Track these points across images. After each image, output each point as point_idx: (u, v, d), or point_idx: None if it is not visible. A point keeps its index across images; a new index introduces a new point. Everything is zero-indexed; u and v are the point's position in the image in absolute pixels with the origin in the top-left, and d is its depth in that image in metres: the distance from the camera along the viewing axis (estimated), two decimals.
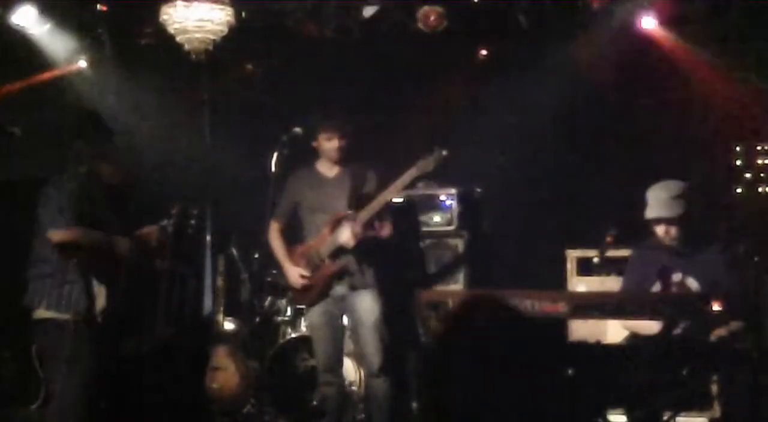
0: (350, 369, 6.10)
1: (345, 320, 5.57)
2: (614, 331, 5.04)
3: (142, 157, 7.54)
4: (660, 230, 4.85)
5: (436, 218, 6.54)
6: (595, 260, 4.96)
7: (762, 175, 6.37)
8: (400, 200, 6.16)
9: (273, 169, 5.58)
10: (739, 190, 6.44)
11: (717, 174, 6.32)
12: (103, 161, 4.91)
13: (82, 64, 7.42)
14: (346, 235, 5.29)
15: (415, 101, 7.37)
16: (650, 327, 4.37)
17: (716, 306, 3.99)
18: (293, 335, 6.50)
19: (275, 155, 5.58)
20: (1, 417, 5.99)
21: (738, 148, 6.46)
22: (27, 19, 6.75)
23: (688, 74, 6.74)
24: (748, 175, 6.42)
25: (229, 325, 6.63)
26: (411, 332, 5.99)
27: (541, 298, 4.10)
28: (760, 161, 6.38)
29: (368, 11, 6.87)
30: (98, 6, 6.93)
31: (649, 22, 6.73)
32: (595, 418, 4.33)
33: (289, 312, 6.67)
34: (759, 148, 6.40)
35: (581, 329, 5.37)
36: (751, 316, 4.21)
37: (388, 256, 5.61)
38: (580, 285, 5.74)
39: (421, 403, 4.73)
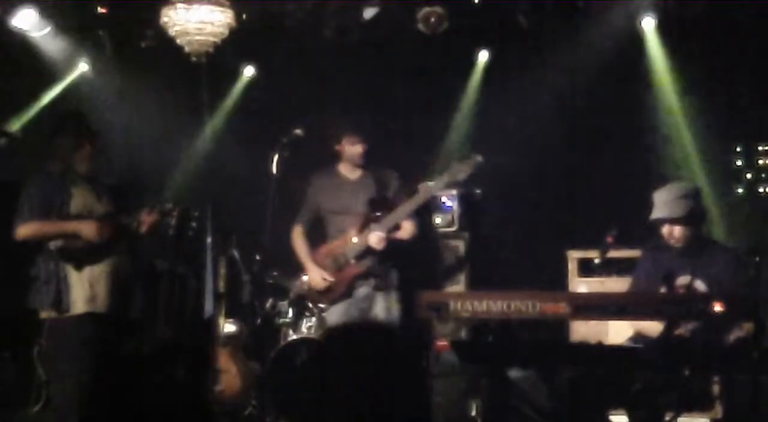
0: None
1: None
2: (615, 332, 5.04)
3: (142, 158, 7.56)
4: (665, 231, 4.85)
5: (437, 219, 6.55)
6: (596, 261, 4.95)
7: (762, 175, 6.39)
8: None
9: (273, 170, 5.58)
10: (739, 190, 6.45)
11: (717, 174, 6.34)
12: (85, 157, 4.91)
13: (83, 66, 7.42)
14: (374, 238, 5.32)
15: (415, 102, 7.36)
16: (656, 327, 4.37)
17: (718, 307, 3.99)
18: (294, 337, 6.50)
19: (275, 156, 5.58)
20: (2, 419, 5.99)
21: (738, 148, 6.48)
22: (27, 21, 6.75)
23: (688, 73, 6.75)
24: (748, 175, 6.43)
25: (230, 327, 6.62)
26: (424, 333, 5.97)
27: (542, 299, 4.10)
28: (760, 161, 6.40)
29: (368, 12, 6.86)
30: (98, 8, 6.93)
31: (649, 22, 6.73)
32: (596, 419, 4.33)
33: (290, 314, 6.67)
34: (759, 148, 6.42)
35: (582, 330, 5.38)
36: (752, 317, 4.21)
37: (409, 258, 5.63)
38: (581, 285, 5.74)
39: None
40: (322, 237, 5.63)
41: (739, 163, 6.41)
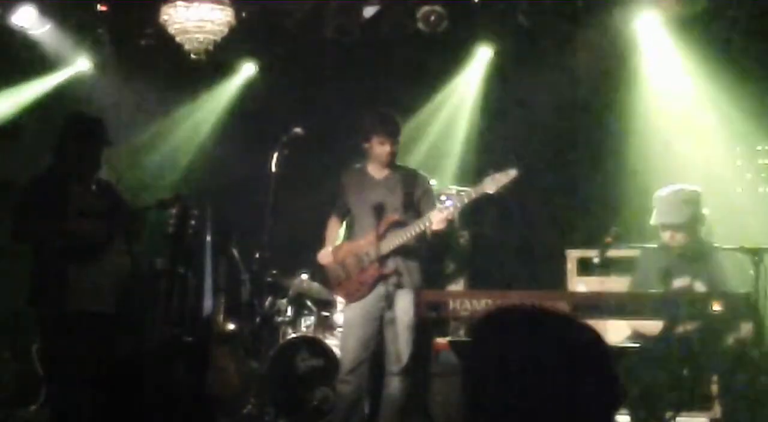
0: None
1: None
2: (614, 331, 5.04)
3: (142, 157, 7.56)
4: (667, 235, 4.84)
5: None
6: (596, 260, 4.95)
7: (762, 175, 6.39)
8: None
9: (273, 169, 5.57)
10: (739, 190, 6.45)
11: (718, 174, 6.34)
12: (90, 157, 4.91)
13: (83, 64, 7.42)
14: (398, 241, 5.29)
15: (415, 101, 7.36)
16: (654, 327, 4.37)
17: (716, 307, 4.00)
18: (293, 335, 6.50)
19: (275, 155, 5.58)
20: (1, 418, 5.99)
21: (738, 148, 6.47)
22: (27, 19, 6.75)
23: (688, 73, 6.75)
24: (748, 175, 6.43)
25: (229, 326, 6.63)
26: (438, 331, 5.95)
27: (542, 298, 4.10)
28: (760, 161, 6.39)
29: (368, 11, 6.86)
30: (98, 6, 6.93)
31: (648, 22, 6.73)
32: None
33: (289, 313, 6.68)
34: (759, 148, 6.41)
35: None
36: (752, 317, 4.21)
37: (432, 257, 5.62)
38: (580, 285, 5.73)
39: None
40: (347, 235, 5.62)
41: (739, 163, 6.41)
